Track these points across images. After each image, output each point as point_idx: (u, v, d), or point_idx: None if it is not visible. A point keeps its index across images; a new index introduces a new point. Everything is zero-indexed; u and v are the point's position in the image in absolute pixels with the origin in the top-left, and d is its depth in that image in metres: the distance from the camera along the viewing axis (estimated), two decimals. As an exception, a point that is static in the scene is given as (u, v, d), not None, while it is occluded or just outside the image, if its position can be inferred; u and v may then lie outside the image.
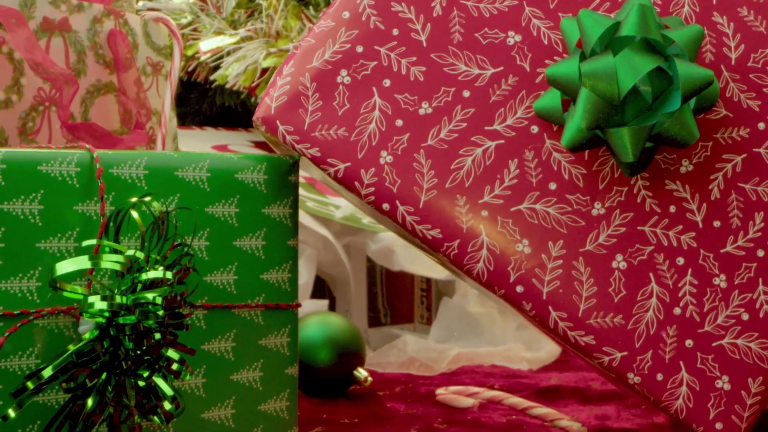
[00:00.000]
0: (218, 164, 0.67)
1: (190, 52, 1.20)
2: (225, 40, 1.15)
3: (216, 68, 1.18)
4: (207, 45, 1.16)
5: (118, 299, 0.56)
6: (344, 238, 1.15)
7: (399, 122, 0.68)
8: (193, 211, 0.65)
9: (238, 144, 1.25)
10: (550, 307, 0.66)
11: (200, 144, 1.19)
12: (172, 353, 0.60)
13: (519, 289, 0.66)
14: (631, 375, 0.65)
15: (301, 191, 1.12)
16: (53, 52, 0.79)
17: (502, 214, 0.66)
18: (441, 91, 0.67)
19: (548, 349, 1.09)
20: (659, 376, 0.65)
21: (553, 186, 0.67)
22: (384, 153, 0.67)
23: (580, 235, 0.66)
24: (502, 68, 0.67)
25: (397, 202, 0.66)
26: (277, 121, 0.67)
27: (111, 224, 0.59)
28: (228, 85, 1.13)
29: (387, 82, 0.67)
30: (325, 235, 1.07)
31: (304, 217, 1.07)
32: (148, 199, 0.60)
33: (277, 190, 0.70)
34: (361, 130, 0.67)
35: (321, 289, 1.18)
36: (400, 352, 1.05)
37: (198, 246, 0.66)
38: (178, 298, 0.61)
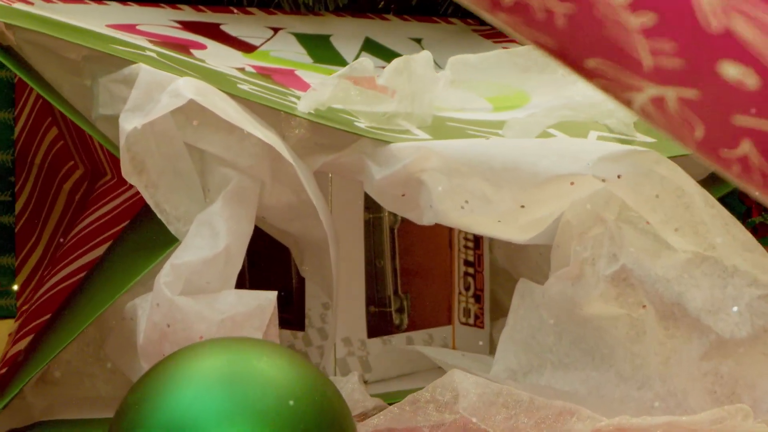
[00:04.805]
0: None
1: None
2: None
3: None
4: None
5: None
6: (317, 156, 0.79)
7: None
8: None
9: (156, 24, 1.10)
10: None
11: (95, 22, 0.99)
12: None
13: None
14: None
15: (242, 76, 0.87)
16: None
17: None
18: None
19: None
20: None
21: None
22: None
23: None
24: None
25: None
26: None
27: None
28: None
29: None
30: (276, 147, 0.74)
31: (220, 105, 0.72)
32: None
33: None
34: None
35: (274, 265, 0.89)
36: (441, 408, 0.71)
37: None
38: None
